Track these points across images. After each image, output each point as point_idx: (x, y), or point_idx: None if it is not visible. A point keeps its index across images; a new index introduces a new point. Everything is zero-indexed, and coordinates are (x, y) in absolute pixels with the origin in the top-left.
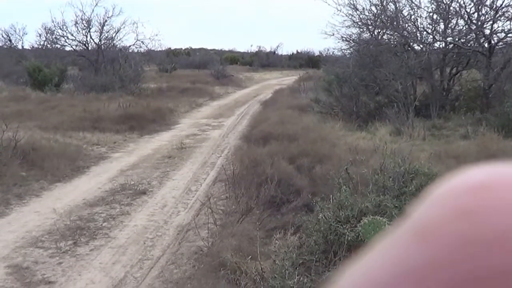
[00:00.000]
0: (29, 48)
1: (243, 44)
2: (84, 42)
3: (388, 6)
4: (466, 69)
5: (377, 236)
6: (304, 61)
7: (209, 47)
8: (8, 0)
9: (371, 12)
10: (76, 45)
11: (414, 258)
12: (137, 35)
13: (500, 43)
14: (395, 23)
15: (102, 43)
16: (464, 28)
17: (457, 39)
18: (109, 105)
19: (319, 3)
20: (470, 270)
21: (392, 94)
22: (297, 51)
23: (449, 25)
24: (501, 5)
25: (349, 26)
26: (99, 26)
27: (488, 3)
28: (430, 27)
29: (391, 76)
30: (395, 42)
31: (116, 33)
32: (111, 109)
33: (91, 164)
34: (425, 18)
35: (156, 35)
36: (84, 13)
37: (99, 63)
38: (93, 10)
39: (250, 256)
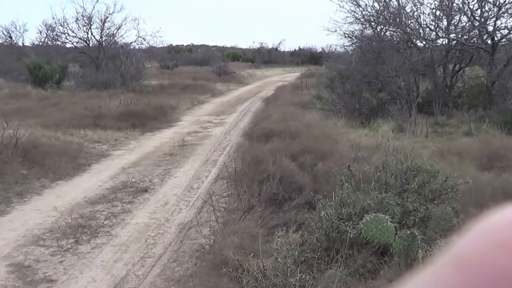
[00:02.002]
0: (30, 45)
1: (245, 41)
2: (85, 39)
3: (391, 2)
4: (469, 65)
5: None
6: (306, 57)
7: (210, 44)
8: None
9: (373, 9)
10: (77, 42)
11: (451, 286)
12: (138, 31)
13: (503, 40)
14: (397, 19)
15: (103, 39)
16: (467, 24)
17: (460, 36)
18: (110, 102)
19: None
20: None
21: (394, 90)
22: (299, 47)
23: (452, 22)
24: (504, 1)
25: (351, 23)
26: (100, 23)
27: None
28: (433, 23)
29: (393, 72)
30: (398, 39)
31: (117, 30)
32: (112, 106)
33: (92, 161)
34: (428, 14)
35: (158, 31)
36: (85, 10)
37: (100, 60)
38: (94, 7)
39: (252, 254)
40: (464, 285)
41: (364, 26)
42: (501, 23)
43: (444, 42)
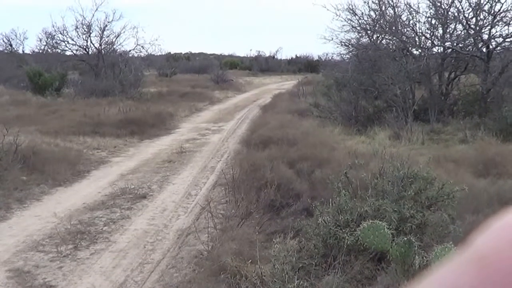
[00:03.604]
0: (30, 53)
1: (243, 49)
2: (85, 47)
3: (387, 11)
4: (465, 73)
5: (379, 241)
6: (303, 65)
7: (208, 52)
8: (9, 5)
9: (370, 17)
10: (77, 50)
11: (471, 283)
12: (137, 39)
13: (498, 48)
14: (393, 28)
15: (102, 47)
16: (463, 33)
17: (455, 44)
18: (109, 109)
19: (318, 8)
20: None
21: (391, 98)
22: (296, 55)
23: (448, 30)
24: (499, 10)
25: (348, 31)
26: (99, 31)
27: (486, 8)
28: (429, 32)
29: (390, 80)
30: (394, 47)
31: (116, 38)
32: (111, 113)
33: (92, 168)
34: (424, 23)
35: (156, 39)
36: (85, 18)
37: (99, 68)
38: (93, 15)
39: (250, 260)
40: (484, 282)
41: (360, 34)
42: (496, 32)
43: (439, 50)
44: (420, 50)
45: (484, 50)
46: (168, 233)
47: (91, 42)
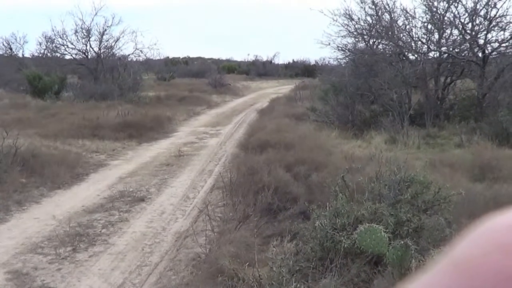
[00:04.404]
0: (30, 57)
1: (240, 53)
2: (84, 51)
3: (383, 16)
4: (460, 78)
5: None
6: (300, 70)
7: (206, 56)
8: (9, 9)
9: (366, 22)
10: (76, 54)
11: None
12: (136, 44)
13: (494, 53)
14: (390, 33)
15: (101, 51)
16: (458, 38)
17: (451, 49)
18: (108, 113)
19: (315, 13)
20: None
21: (387, 103)
22: (293, 60)
23: (444, 35)
24: (495, 15)
25: (344, 36)
26: (99, 35)
27: (482, 13)
28: (425, 37)
29: (386, 85)
30: (390, 52)
31: (115, 42)
32: (110, 117)
33: (90, 171)
34: (420, 28)
35: (155, 44)
36: (84, 22)
37: (99, 72)
38: (92, 19)
39: (247, 263)
40: (466, 287)
41: (357, 39)
42: (492, 37)
43: (435, 55)
44: (416, 55)
45: (480, 55)
46: (166, 235)
47: (90, 46)
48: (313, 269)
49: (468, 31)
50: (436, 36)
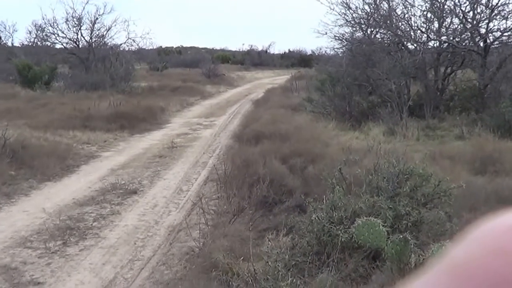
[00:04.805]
0: (19, 45)
1: (235, 43)
2: (75, 40)
3: (382, 4)
4: (461, 68)
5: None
6: (296, 60)
7: (200, 46)
8: None
9: (364, 11)
10: (67, 43)
11: None
12: (128, 33)
13: (496, 42)
14: (388, 21)
15: (93, 41)
16: (459, 27)
17: (451, 38)
18: (99, 103)
19: (312, 2)
20: None
21: (385, 93)
22: (289, 50)
23: (444, 24)
24: (497, 3)
25: (342, 25)
26: (90, 24)
27: (483, 1)
28: (424, 25)
29: (384, 75)
30: (389, 41)
31: (107, 31)
32: (101, 107)
33: (81, 163)
34: (419, 16)
35: (148, 33)
36: (75, 11)
37: (90, 61)
38: (84, 8)
39: (242, 257)
40: None
41: (354, 28)
42: (494, 25)
43: (435, 45)
44: (415, 45)
45: (481, 44)
46: (159, 229)
47: (81, 35)
48: (309, 263)
49: (469, 20)
50: (436, 25)
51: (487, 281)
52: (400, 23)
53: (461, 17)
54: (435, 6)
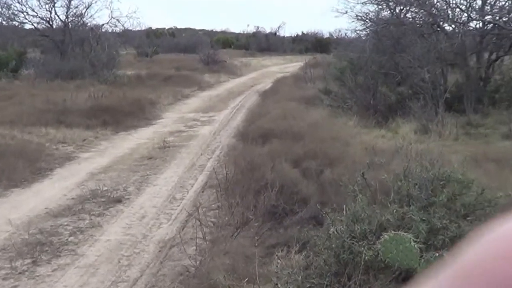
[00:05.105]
0: None
1: (238, 24)
2: (48, 19)
3: None
4: (509, 54)
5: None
6: (311, 44)
7: (197, 27)
8: None
9: None
10: (38, 23)
11: None
12: (111, 11)
13: None
14: None
15: (69, 20)
16: (507, 4)
17: (497, 18)
18: (77, 95)
19: None
20: None
21: (417, 84)
22: (302, 32)
23: (488, 1)
24: None
25: (365, 3)
26: (66, 0)
27: None
28: (465, 3)
29: (416, 62)
30: (421, 22)
31: (86, 9)
32: (80, 100)
33: (56, 165)
34: None
35: (135, 12)
36: None
37: (66, 45)
38: None
39: (246, 279)
40: None
41: (380, 6)
42: None
43: (478, 26)
44: (453, 26)
45: None
46: (148, 245)
47: (55, 13)
48: (327, 286)
49: None
50: (479, 2)
51: (497, 285)
52: (435, 0)
53: None
54: None
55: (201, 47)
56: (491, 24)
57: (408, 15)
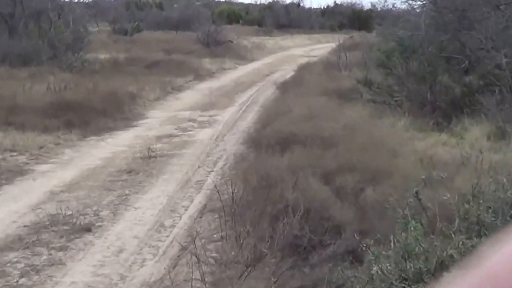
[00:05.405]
0: None
1: None
2: None
3: None
4: None
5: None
6: (346, 19)
7: None
8: None
9: None
10: None
11: None
12: None
13: None
14: None
15: None
16: None
17: None
18: (32, 86)
19: None
20: None
21: (491, 72)
22: (335, 2)
23: None
24: None
25: None
26: None
27: None
28: None
29: (489, 43)
30: None
31: None
32: (35, 93)
33: (2, 182)
34: None
35: None
36: None
37: (16, 19)
38: None
39: None
40: None
41: None
42: None
43: None
44: None
45: None
46: None
47: None
48: None
49: None
50: None
51: None
52: None
53: None
54: None
55: (199, 22)
56: None
57: None
